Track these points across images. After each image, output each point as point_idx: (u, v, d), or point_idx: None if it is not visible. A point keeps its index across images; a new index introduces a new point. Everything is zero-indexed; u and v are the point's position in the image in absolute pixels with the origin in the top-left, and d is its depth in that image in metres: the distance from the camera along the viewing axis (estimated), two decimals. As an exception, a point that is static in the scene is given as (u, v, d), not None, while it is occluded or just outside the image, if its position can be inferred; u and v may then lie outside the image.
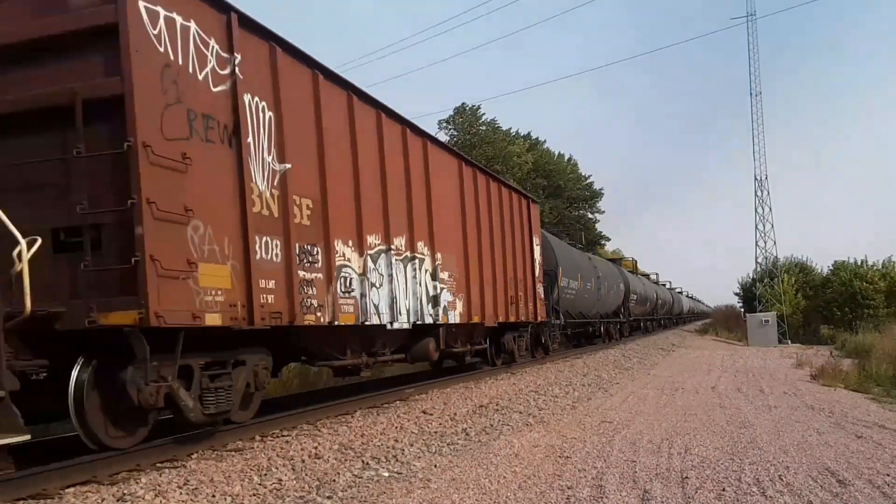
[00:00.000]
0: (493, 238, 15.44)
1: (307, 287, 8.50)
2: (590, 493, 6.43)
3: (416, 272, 11.64)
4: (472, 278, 14.00)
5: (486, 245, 14.91)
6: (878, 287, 41.93)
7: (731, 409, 12.08)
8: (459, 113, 43.32)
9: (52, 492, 6.11)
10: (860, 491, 6.39)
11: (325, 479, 6.82)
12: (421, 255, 11.88)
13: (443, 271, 12.66)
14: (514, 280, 16.67)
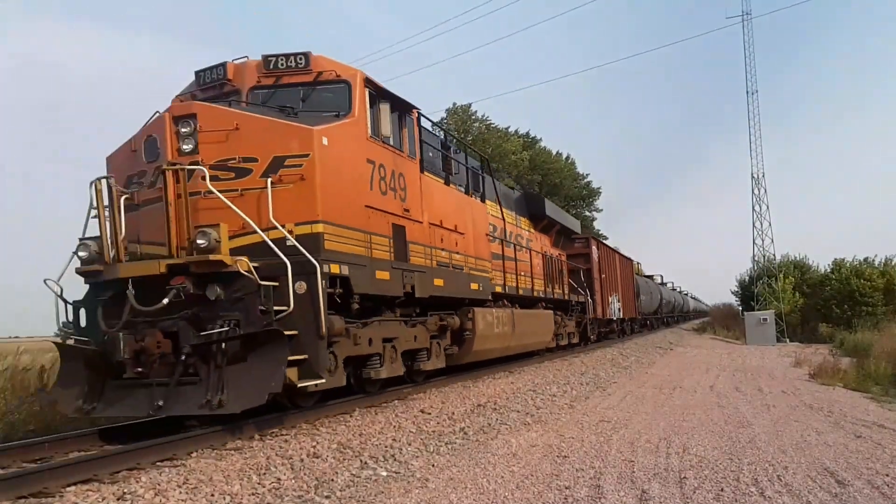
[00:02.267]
0: (617, 279, 32.02)
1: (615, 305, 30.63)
2: (588, 493, 6.44)
3: (613, 302, 29.99)
4: (627, 301, 33.87)
5: (622, 284, 33.22)
6: (877, 285, 41.96)
7: (729, 408, 12.09)
8: (451, 113, 43.33)
9: (54, 490, 6.13)
10: (859, 491, 6.40)
11: (323, 479, 6.82)
12: (616, 295, 30.76)
13: (616, 301, 30.70)
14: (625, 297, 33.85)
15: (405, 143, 11.15)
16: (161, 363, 7.89)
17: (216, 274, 7.87)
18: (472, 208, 14.13)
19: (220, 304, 7.88)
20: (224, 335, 7.69)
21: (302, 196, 8.49)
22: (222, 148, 8.47)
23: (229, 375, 7.72)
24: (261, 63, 9.73)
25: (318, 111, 9.45)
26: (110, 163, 9.37)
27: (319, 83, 9.73)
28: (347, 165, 9.30)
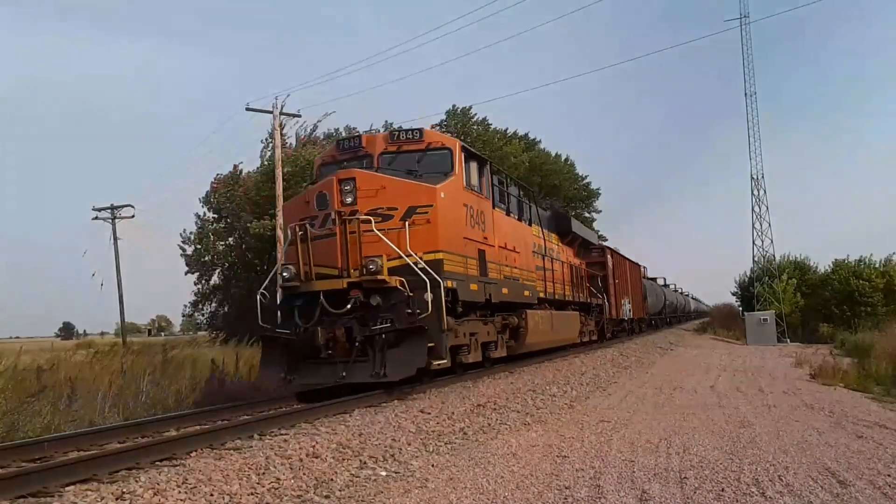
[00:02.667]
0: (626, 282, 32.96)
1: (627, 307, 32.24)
2: (588, 493, 6.42)
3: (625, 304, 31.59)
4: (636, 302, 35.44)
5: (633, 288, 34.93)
6: (876, 285, 41.92)
7: (729, 408, 12.07)
8: (451, 115, 43.30)
9: (53, 489, 6.11)
10: (861, 492, 6.38)
11: (322, 479, 6.80)
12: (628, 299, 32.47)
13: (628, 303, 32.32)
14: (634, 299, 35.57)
15: (483, 188, 14.36)
16: (342, 348, 11.18)
17: (378, 288, 11.25)
18: (522, 231, 17.39)
19: (379, 309, 11.24)
20: (384, 329, 11.03)
21: (428, 233, 11.78)
22: (373, 201, 11.70)
23: (389, 356, 11.02)
24: (387, 136, 13.53)
25: (429, 171, 12.69)
26: (285, 210, 14.49)
27: (430, 150, 13.03)
28: (454, 210, 12.65)
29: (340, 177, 11.93)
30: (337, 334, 11.18)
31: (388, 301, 11.28)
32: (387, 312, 11.23)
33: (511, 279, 15.55)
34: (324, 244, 11.63)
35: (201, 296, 31.13)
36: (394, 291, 11.31)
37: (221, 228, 30.49)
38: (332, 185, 11.82)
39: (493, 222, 14.65)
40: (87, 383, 12.04)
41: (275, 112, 25.19)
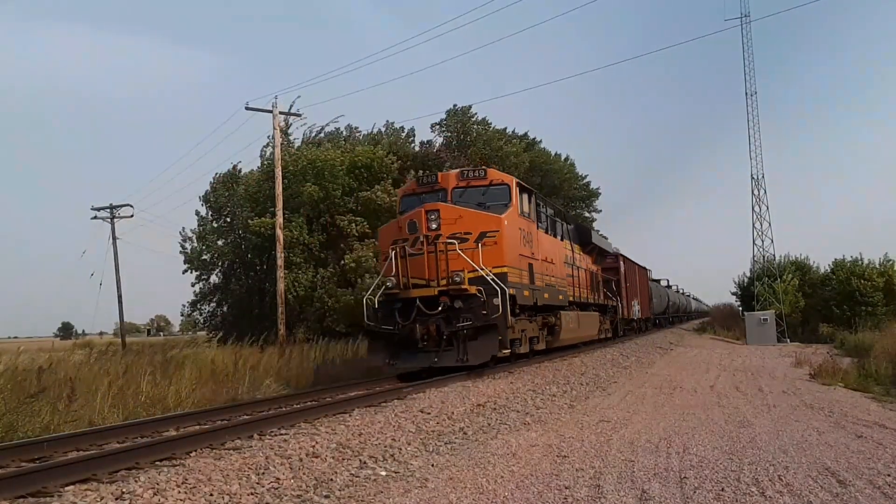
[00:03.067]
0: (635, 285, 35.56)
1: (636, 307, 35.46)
2: (588, 493, 6.42)
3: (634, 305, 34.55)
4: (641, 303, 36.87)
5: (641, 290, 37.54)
6: (876, 285, 41.89)
7: (729, 408, 12.07)
8: (451, 115, 43.27)
9: (52, 489, 6.11)
10: (861, 491, 6.38)
11: (322, 478, 6.80)
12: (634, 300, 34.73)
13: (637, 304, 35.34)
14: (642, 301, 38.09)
15: (531, 213, 17.33)
16: (434, 340, 14.36)
17: (460, 294, 14.37)
18: (557, 246, 20.26)
19: (461, 310, 14.33)
20: (466, 326, 14.23)
21: (495, 253, 14.85)
22: (452, 227, 14.83)
23: (469, 346, 14.29)
24: (458, 174, 16.38)
25: (493, 202, 15.72)
26: (381, 233, 16.62)
27: (492, 185, 16.09)
28: (513, 234, 15.68)
29: (427, 208, 15.06)
30: (430, 329, 14.37)
31: (467, 304, 14.41)
32: (467, 313, 14.35)
33: (550, 286, 18.48)
34: (415, 260, 14.68)
35: (200, 295, 31.11)
36: (472, 297, 14.41)
37: (221, 226, 30.50)
38: (420, 215, 14.95)
39: (538, 240, 17.69)
40: (86, 383, 12.03)
41: (274, 111, 25.15)
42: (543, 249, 18.10)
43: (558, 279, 19.59)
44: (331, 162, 26.77)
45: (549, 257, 18.61)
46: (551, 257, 18.94)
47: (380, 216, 26.99)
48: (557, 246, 20.20)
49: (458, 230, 14.77)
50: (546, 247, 18.49)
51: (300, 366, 18.36)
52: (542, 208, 19.07)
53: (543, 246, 18.16)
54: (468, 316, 14.28)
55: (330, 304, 25.03)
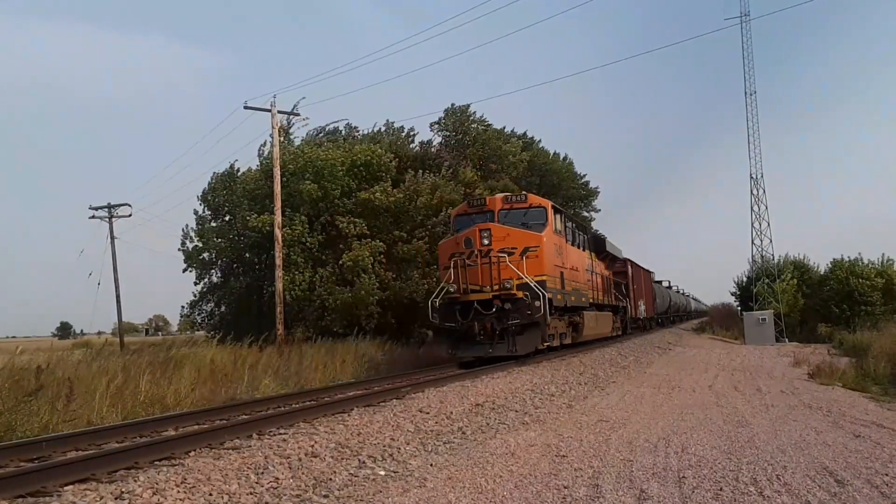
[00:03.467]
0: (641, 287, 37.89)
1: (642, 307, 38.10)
2: (586, 493, 6.42)
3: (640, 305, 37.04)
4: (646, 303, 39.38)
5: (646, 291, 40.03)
6: (875, 284, 41.91)
7: (728, 407, 12.09)
8: (450, 114, 43.23)
9: (52, 489, 6.11)
10: (858, 491, 6.39)
11: (321, 478, 6.81)
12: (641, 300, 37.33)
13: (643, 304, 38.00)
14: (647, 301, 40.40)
15: (562, 230, 20.49)
16: (488, 334, 17.39)
17: (510, 297, 17.26)
18: (580, 255, 23.11)
19: (510, 311, 17.24)
20: (514, 323, 17.25)
21: (536, 264, 17.75)
22: (502, 242, 17.79)
23: (517, 340, 17.43)
24: (503, 198, 19.60)
25: (533, 222, 18.72)
26: (441, 247, 19.51)
27: (531, 208, 19.17)
28: (550, 248, 18.62)
29: (480, 227, 18.04)
30: (486, 326, 17.48)
31: (515, 306, 17.32)
32: (515, 313, 17.32)
33: (576, 291, 21.39)
34: (472, 270, 17.80)
35: (200, 294, 31.09)
36: (519, 300, 17.29)
37: (221, 225, 30.46)
38: (475, 233, 17.96)
39: (566, 252, 20.67)
40: (84, 383, 12.02)
41: (273, 111, 25.13)
42: (571, 259, 21.18)
43: (581, 284, 22.52)
44: (331, 161, 26.75)
45: (574, 266, 21.70)
46: (576, 266, 22.04)
47: (378, 216, 26.99)
48: (580, 255, 23.25)
49: (506, 245, 17.84)
50: (573, 257, 21.59)
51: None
52: (568, 224, 22.03)
53: (571, 257, 21.25)
54: (516, 315, 17.34)
55: (328, 303, 25.02)
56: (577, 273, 22.02)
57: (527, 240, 17.97)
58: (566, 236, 20.95)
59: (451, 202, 28.10)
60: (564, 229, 20.84)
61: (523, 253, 17.72)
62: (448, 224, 23.71)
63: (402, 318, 27.58)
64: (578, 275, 22.17)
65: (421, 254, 26.49)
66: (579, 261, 22.61)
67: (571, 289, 20.66)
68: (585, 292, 22.86)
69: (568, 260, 20.61)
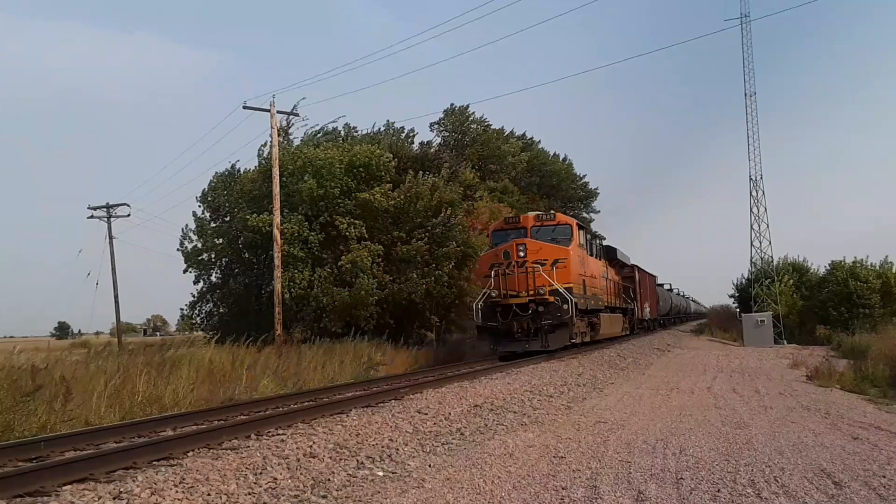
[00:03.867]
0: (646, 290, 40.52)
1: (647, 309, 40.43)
2: (584, 494, 6.43)
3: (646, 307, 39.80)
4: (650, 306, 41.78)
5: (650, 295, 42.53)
6: (874, 287, 41.89)
7: (726, 409, 12.10)
8: (449, 114, 43.26)
9: (50, 489, 6.11)
10: (856, 493, 6.40)
11: (319, 479, 6.81)
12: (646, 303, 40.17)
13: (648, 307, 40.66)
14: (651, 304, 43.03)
15: (584, 244, 23.64)
16: (525, 332, 20.17)
17: (543, 301, 20.02)
18: (596, 264, 26.04)
19: (543, 313, 20.05)
20: (547, 323, 20.02)
21: (564, 273, 20.62)
22: (536, 255, 20.65)
23: (549, 337, 20.17)
24: (534, 216, 22.55)
25: (560, 237, 21.73)
26: (483, 259, 22.63)
27: (559, 225, 22.24)
28: (575, 260, 21.42)
29: (517, 242, 21.07)
30: (522, 325, 20.44)
31: (548, 309, 20.24)
32: (547, 315, 20.26)
33: (594, 296, 24.28)
34: (510, 278, 20.73)
35: (199, 295, 31.06)
36: (551, 304, 20.19)
37: (220, 226, 30.43)
38: (513, 247, 20.96)
39: (586, 262, 23.56)
40: (82, 383, 12.01)
41: (272, 110, 25.12)
42: (590, 269, 24.17)
43: (598, 290, 25.39)
44: (329, 160, 26.73)
45: (593, 274, 24.66)
46: (594, 274, 25.02)
47: (377, 218, 26.97)
48: (597, 264, 26.30)
49: (539, 258, 20.71)
50: (591, 267, 24.54)
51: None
52: (588, 237, 25.59)
53: (590, 266, 24.26)
54: (548, 317, 20.26)
55: (326, 303, 25.00)
56: (595, 280, 24.98)
57: (556, 253, 20.96)
58: (587, 248, 24.18)
59: (451, 203, 28.11)
60: (586, 242, 24.23)
61: (553, 264, 20.67)
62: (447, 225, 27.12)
63: (400, 318, 27.57)
64: (596, 282, 25.13)
65: (420, 254, 26.49)
66: (596, 269, 25.68)
67: (591, 294, 23.64)
68: (601, 297, 25.82)
69: (588, 269, 23.62)
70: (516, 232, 22.05)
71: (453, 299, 28.21)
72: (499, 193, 39.05)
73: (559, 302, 20.04)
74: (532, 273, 20.37)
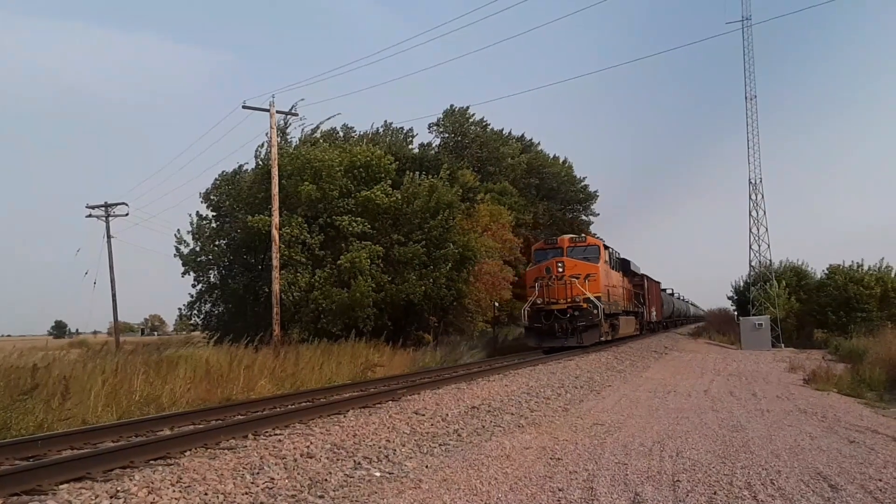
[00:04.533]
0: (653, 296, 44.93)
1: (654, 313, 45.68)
2: (581, 496, 6.44)
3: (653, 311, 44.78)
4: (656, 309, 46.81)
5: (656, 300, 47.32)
6: (873, 291, 41.93)
7: (723, 412, 12.11)
8: (448, 116, 43.25)
9: (47, 487, 6.11)
10: (852, 496, 6.41)
11: (316, 479, 6.82)
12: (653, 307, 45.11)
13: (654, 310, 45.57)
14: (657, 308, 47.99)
15: (608, 260, 28.43)
16: (564, 331, 25.33)
17: (578, 307, 25.52)
18: (616, 275, 30.93)
19: (578, 316, 25.38)
20: (581, 324, 25.34)
21: (595, 285, 25.93)
22: (571, 270, 26.01)
23: (583, 335, 25.39)
24: (570, 238, 27.97)
25: (590, 256, 26.84)
26: (529, 273, 28.02)
27: (589, 246, 27.61)
28: (602, 274, 26.59)
29: (557, 260, 26.30)
30: (562, 326, 25.30)
31: (582, 313, 25.30)
32: (581, 318, 25.25)
33: (615, 302, 29.15)
34: (551, 288, 25.93)
35: (197, 295, 31.02)
36: (584, 309, 25.29)
37: (222, 225, 30.38)
38: (554, 264, 26.18)
39: (609, 275, 28.56)
40: (80, 382, 12.01)
41: (271, 110, 25.10)
42: (612, 280, 29.30)
43: (618, 297, 30.42)
44: (328, 162, 26.71)
45: (614, 284, 29.87)
46: (615, 284, 30.14)
47: (378, 217, 26.97)
48: (617, 276, 31.32)
49: (574, 272, 26.01)
50: (613, 278, 29.74)
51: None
52: (611, 254, 30.41)
53: (612, 278, 29.43)
54: (582, 319, 25.42)
55: (325, 305, 24.99)
56: (616, 289, 30.23)
57: (588, 269, 26.32)
58: (610, 263, 29.23)
59: (449, 204, 28.11)
60: (609, 259, 29.32)
61: (585, 277, 25.94)
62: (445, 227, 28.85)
63: (398, 320, 27.57)
64: (616, 290, 30.30)
65: (418, 256, 26.49)
66: (616, 280, 30.99)
67: (612, 301, 28.64)
68: (620, 303, 30.97)
69: (611, 280, 28.91)
70: (554, 251, 27.36)
71: (451, 301, 28.20)
72: (497, 195, 39.04)
73: (591, 308, 25.38)
74: (569, 284, 25.68)
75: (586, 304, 25.19)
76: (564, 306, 25.36)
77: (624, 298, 32.81)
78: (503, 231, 34.78)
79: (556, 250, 27.18)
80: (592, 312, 25.10)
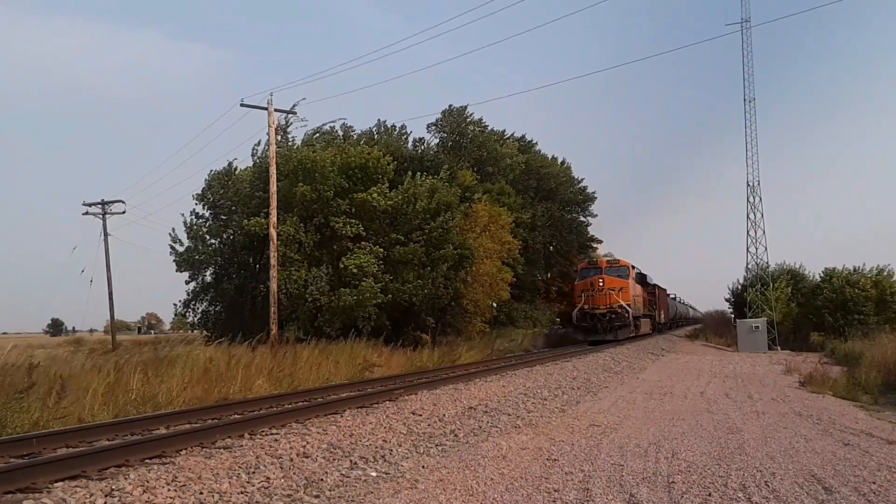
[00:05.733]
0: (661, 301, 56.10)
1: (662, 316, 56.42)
2: (576, 496, 6.45)
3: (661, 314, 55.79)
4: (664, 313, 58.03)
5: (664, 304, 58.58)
6: (870, 295, 41.97)
7: (719, 414, 12.13)
8: (447, 115, 43.21)
9: (42, 486, 6.11)
10: (846, 498, 6.43)
11: (312, 478, 6.82)
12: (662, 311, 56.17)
13: (662, 313, 56.45)
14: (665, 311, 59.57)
15: (634, 276, 39.08)
16: (604, 329, 36.11)
17: (614, 312, 36.48)
18: (638, 287, 39.87)
19: (615, 318, 36.30)
20: (617, 323, 36.43)
21: (626, 296, 36.93)
22: (609, 284, 36.80)
23: (618, 332, 36.27)
24: (607, 261, 39.02)
25: (622, 274, 37.57)
26: (578, 286, 38.62)
27: (621, 266, 38.25)
28: (631, 287, 37.78)
29: (599, 277, 36.22)
30: (603, 325, 35.46)
31: (617, 316, 35.57)
32: (617, 319, 35.57)
33: (637, 307, 37.85)
34: (595, 297, 36.00)
35: (193, 293, 30.96)
36: (619, 313, 35.52)
37: (217, 226, 30.32)
38: (596, 280, 36.26)
39: (635, 287, 37.86)
40: (76, 380, 11.99)
41: (269, 108, 25.04)
42: (637, 291, 38.62)
43: (640, 304, 39.40)
44: (321, 162, 26.64)
45: (638, 294, 38.91)
46: (638, 294, 39.24)
47: (374, 219, 26.96)
48: (639, 287, 40.28)
49: (611, 286, 35.68)
50: (637, 289, 39.07)
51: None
52: (636, 271, 39.32)
53: (636, 290, 38.69)
54: (618, 321, 35.11)
55: (323, 303, 24.95)
56: (639, 298, 39.76)
57: (621, 283, 36.13)
58: (635, 279, 38.51)
59: (449, 205, 28.11)
60: (635, 275, 38.58)
61: (619, 290, 35.81)
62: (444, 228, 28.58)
63: (397, 320, 27.57)
64: (639, 299, 39.83)
65: (417, 256, 26.48)
66: (639, 291, 40.20)
67: (637, 307, 37.92)
68: (641, 308, 40.20)
69: (636, 292, 38.42)
70: (595, 270, 37.44)
71: (448, 301, 28.20)
72: (496, 195, 39.03)
73: (624, 312, 35.34)
74: (608, 294, 35.66)
75: (620, 309, 35.43)
76: (604, 311, 35.57)
77: (644, 304, 42.99)
78: (502, 232, 34.70)
79: (597, 269, 37.38)
80: (625, 316, 35.42)
